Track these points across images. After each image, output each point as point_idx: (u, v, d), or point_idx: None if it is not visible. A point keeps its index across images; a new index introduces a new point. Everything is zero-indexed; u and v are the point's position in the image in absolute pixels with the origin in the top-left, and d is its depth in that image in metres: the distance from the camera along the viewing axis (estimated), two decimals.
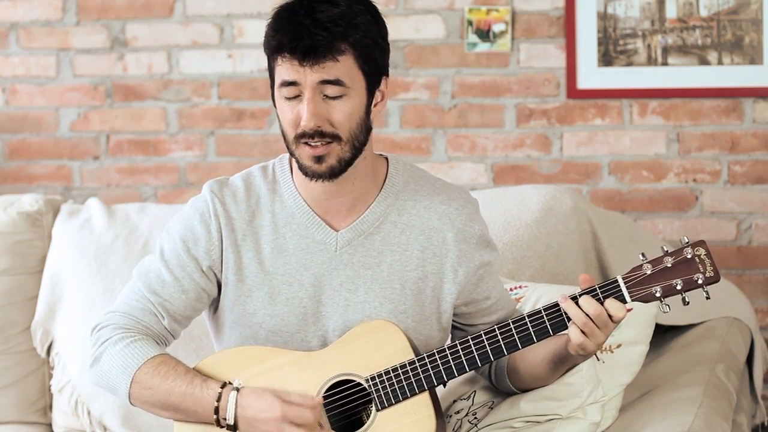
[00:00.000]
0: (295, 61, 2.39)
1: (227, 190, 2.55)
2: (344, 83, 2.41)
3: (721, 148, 3.76)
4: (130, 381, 2.47)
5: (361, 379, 2.45)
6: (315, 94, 2.40)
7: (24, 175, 4.09)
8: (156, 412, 2.50)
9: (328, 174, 2.44)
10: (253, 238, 2.53)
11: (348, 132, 2.43)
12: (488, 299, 2.59)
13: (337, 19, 2.40)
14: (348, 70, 2.41)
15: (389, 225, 2.53)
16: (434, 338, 2.56)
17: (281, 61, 2.42)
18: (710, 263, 2.38)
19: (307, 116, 2.40)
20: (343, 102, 2.42)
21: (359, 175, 2.50)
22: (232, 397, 2.42)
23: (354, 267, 2.51)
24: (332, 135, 2.41)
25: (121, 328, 2.51)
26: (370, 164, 2.52)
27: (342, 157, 2.43)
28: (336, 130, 2.41)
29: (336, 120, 2.41)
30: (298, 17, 2.40)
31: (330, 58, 2.39)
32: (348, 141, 2.43)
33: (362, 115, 2.45)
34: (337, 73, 2.40)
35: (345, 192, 2.50)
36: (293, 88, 2.41)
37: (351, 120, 2.43)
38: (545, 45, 3.81)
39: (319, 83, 2.40)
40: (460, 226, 2.54)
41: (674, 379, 2.96)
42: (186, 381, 2.45)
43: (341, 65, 2.40)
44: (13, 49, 4.06)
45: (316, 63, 2.39)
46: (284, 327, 2.52)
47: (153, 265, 2.55)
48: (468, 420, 2.69)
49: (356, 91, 2.43)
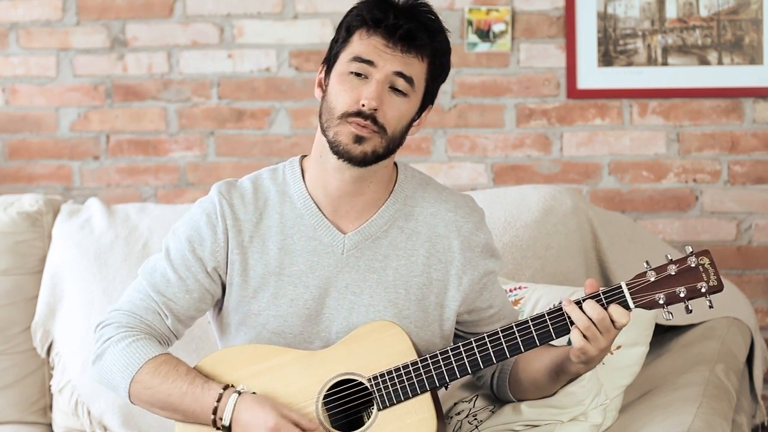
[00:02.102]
0: (385, 42, 2.43)
1: (235, 191, 2.56)
2: (413, 83, 2.45)
3: (721, 148, 3.76)
4: (131, 380, 2.47)
5: (363, 379, 2.45)
6: (386, 81, 2.43)
7: (24, 175, 4.09)
8: (156, 411, 2.50)
9: (360, 158, 2.44)
10: (260, 240, 2.53)
11: (393, 130, 2.46)
12: (491, 308, 2.61)
13: (435, 24, 2.47)
14: (421, 74, 2.47)
15: (396, 230, 2.54)
16: (436, 345, 2.56)
17: (365, 36, 2.45)
18: (714, 273, 2.39)
19: (373, 95, 2.41)
20: (403, 101, 2.45)
21: (376, 180, 2.52)
22: (232, 399, 2.42)
23: (360, 270, 2.52)
24: (381, 126, 2.44)
25: (125, 327, 2.52)
26: (388, 172, 2.55)
27: (377, 149, 2.45)
28: (385, 123, 2.44)
29: (390, 114, 2.44)
30: (400, 6, 2.46)
31: (416, 53, 2.44)
32: (389, 140, 2.46)
33: (408, 123, 2.50)
34: (413, 72, 2.45)
35: (359, 193, 2.52)
36: (365, 67, 2.44)
37: (400, 121, 2.47)
38: (545, 45, 3.81)
39: (395, 73, 2.43)
40: (466, 234, 2.56)
41: (674, 380, 2.96)
42: (187, 381, 2.46)
43: (419, 67, 2.46)
44: (13, 49, 4.06)
45: (406, 51, 2.43)
46: (287, 328, 2.52)
47: (158, 264, 2.56)
48: (468, 421, 2.69)
49: (416, 98, 2.48)
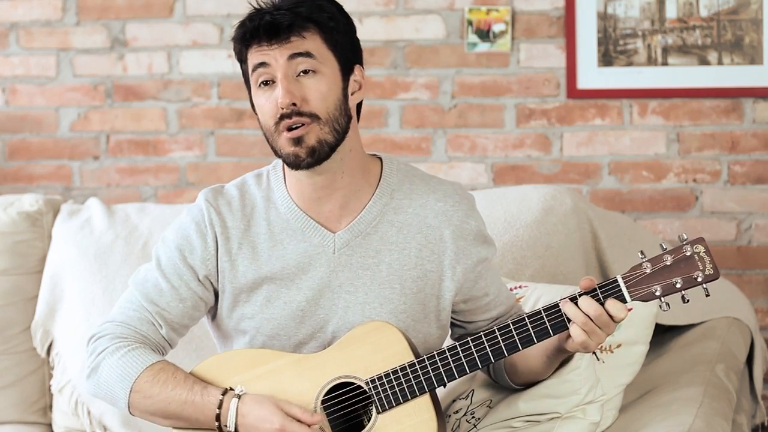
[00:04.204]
0: (263, 44, 2.41)
1: (222, 198, 2.55)
2: (314, 56, 2.41)
3: (721, 148, 3.76)
4: (130, 390, 2.46)
5: (360, 382, 2.44)
6: (288, 72, 2.40)
7: (24, 175, 4.09)
8: (157, 421, 2.49)
9: (310, 155, 2.41)
10: (249, 246, 2.52)
11: (325, 111, 2.41)
12: (487, 296, 2.59)
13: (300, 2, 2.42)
14: (317, 47, 2.42)
15: (386, 224, 2.52)
16: (433, 335, 2.56)
17: (250, 53, 2.43)
18: (709, 260, 2.37)
19: (282, 93, 2.39)
20: (316, 79, 2.41)
21: (347, 169, 2.48)
22: (233, 405, 2.41)
23: (353, 268, 2.51)
24: (310, 114, 2.40)
25: (118, 338, 2.50)
26: (359, 160, 2.51)
27: (322, 138, 2.41)
28: (312, 109, 2.40)
29: (311, 98, 2.40)
30: (260, 10, 2.44)
31: (296, 34, 2.40)
32: (327, 122, 2.41)
33: (339, 97, 2.44)
34: (306, 47, 2.41)
35: (335, 188, 2.49)
36: (265, 70, 2.42)
37: (327, 100, 2.42)
38: (545, 45, 3.81)
39: (289, 58, 2.40)
40: (457, 223, 2.54)
41: (674, 379, 2.96)
42: (186, 388, 2.44)
43: (309, 41, 2.41)
44: (13, 49, 4.06)
45: (285, 40, 2.40)
46: (282, 331, 2.51)
47: (150, 274, 2.54)
48: (466, 420, 2.69)
49: (329, 69, 2.43)
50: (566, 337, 2.42)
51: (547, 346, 2.50)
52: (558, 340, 2.46)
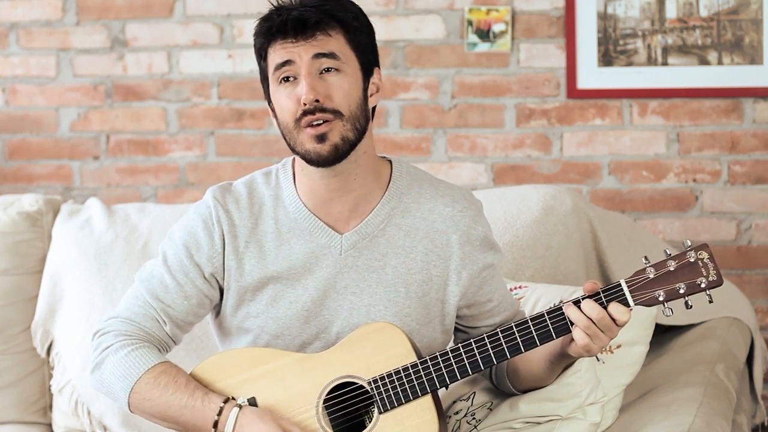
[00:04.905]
0: (288, 40, 2.41)
1: (230, 196, 2.54)
2: (339, 57, 2.41)
3: (721, 148, 3.76)
4: (130, 390, 2.46)
5: (363, 382, 2.44)
6: (312, 69, 2.40)
7: (24, 175, 4.09)
8: (156, 421, 2.49)
9: (332, 154, 2.41)
10: (256, 245, 2.51)
11: (348, 109, 2.41)
12: (491, 302, 2.59)
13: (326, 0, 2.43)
14: (341, 47, 2.42)
15: (393, 228, 2.52)
16: (437, 340, 2.56)
17: (273, 48, 2.43)
18: (713, 267, 2.37)
19: (306, 89, 2.39)
20: (340, 77, 2.41)
21: (361, 170, 2.48)
22: (233, 414, 2.40)
23: (359, 270, 2.51)
24: (333, 110, 2.40)
25: (123, 335, 2.50)
26: (372, 161, 2.51)
27: (345, 135, 2.41)
28: (336, 106, 2.40)
29: (335, 95, 2.40)
30: (285, 6, 2.43)
31: (321, 32, 2.40)
32: (349, 119, 2.41)
33: (360, 95, 2.45)
34: (331, 47, 2.41)
35: (348, 189, 2.49)
36: (289, 68, 2.41)
37: (350, 97, 2.42)
38: (545, 45, 3.81)
39: (314, 57, 2.40)
40: (464, 229, 2.54)
41: (674, 379, 2.96)
42: (186, 393, 2.44)
43: (334, 41, 2.41)
44: (13, 49, 4.06)
45: (311, 36, 2.40)
46: (286, 330, 2.51)
47: (155, 271, 2.54)
48: (467, 421, 2.69)
49: (351, 69, 2.44)
50: (569, 341, 2.42)
51: (550, 351, 2.50)
52: (561, 345, 2.46)
